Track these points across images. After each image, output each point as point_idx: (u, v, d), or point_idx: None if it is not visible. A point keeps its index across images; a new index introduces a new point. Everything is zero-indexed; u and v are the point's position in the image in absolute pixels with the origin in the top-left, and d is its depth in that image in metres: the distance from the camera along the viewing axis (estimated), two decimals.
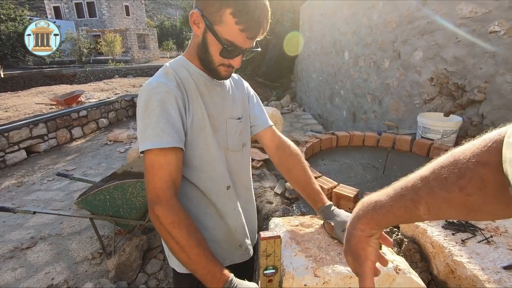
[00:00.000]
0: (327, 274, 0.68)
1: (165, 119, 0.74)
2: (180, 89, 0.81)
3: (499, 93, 2.00)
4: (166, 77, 0.81)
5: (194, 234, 0.71)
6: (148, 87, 0.78)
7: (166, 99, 0.76)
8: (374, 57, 3.76)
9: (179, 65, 0.87)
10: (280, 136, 1.05)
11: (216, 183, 0.89)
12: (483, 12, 2.09)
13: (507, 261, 0.74)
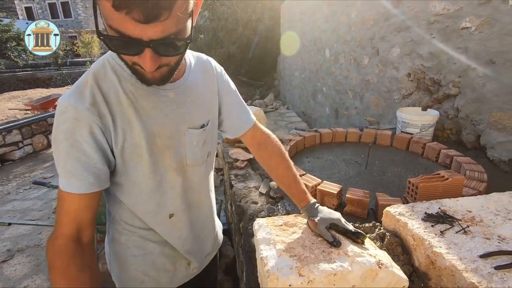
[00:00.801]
0: (311, 273, 0.68)
1: (73, 157, 0.61)
2: (99, 110, 0.62)
3: (472, 87, 2.08)
4: (78, 95, 0.62)
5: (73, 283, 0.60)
6: (57, 109, 0.62)
7: (75, 130, 0.60)
8: (354, 54, 3.83)
9: (106, 69, 0.66)
10: (263, 132, 0.98)
11: (157, 214, 0.79)
12: (455, 9, 2.17)
13: (483, 249, 0.76)
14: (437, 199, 1.05)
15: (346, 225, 0.83)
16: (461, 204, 0.99)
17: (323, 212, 0.84)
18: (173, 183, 0.78)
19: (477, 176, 1.50)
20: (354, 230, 0.81)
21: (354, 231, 0.81)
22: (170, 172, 0.77)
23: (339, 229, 0.82)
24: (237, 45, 9.22)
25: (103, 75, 0.65)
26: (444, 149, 1.87)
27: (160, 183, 0.76)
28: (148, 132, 0.69)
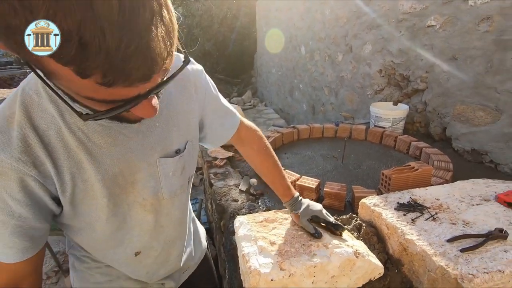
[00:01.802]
0: (292, 267, 0.70)
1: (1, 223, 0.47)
2: (33, 158, 0.47)
3: (438, 82, 2.20)
4: (1, 138, 0.45)
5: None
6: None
7: (1, 188, 0.46)
8: (328, 51, 3.92)
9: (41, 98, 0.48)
10: (247, 129, 0.90)
11: (119, 252, 0.67)
12: (421, 7, 2.28)
13: (450, 234, 0.82)
14: (409, 189, 1.11)
15: (327, 216, 0.86)
16: (430, 193, 1.05)
17: (305, 204, 0.87)
18: (140, 220, 0.65)
19: (444, 166, 1.60)
20: (334, 222, 0.84)
21: (334, 223, 0.84)
22: (135, 208, 0.63)
23: (320, 221, 0.85)
24: (213, 42, 9.12)
25: (37, 106, 0.47)
26: (414, 142, 1.97)
27: (124, 222, 0.63)
28: (106, 174, 0.55)
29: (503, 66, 1.72)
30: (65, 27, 0.29)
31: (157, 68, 0.36)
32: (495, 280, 0.68)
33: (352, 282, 0.76)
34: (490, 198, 1.00)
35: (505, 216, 0.89)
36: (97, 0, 0.29)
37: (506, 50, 1.70)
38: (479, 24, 1.83)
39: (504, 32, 1.69)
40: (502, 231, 0.79)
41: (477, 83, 1.90)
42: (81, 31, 0.29)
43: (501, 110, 1.77)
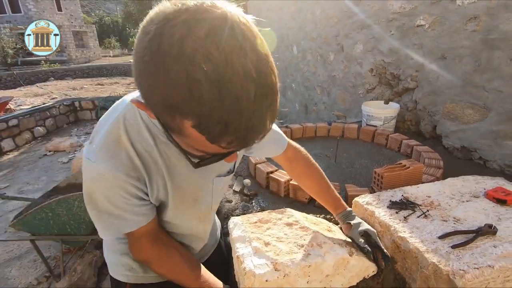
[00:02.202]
0: (287, 267, 0.70)
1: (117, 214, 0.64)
2: (137, 175, 0.62)
3: (428, 81, 2.23)
4: (114, 159, 0.59)
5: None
6: (90, 173, 0.60)
7: (116, 194, 0.61)
8: (320, 51, 3.94)
9: (140, 127, 0.61)
10: (293, 149, 0.96)
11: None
12: (410, 7, 2.31)
13: (441, 231, 0.83)
14: (401, 186, 1.12)
15: (379, 241, 0.83)
16: (421, 190, 1.07)
17: (358, 219, 0.89)
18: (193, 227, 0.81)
19: (435, 163, 1.62)
20: (385, 252, 0.81)
21: (385, 253, 0.81)
22: (192, 219, 0.79)
23: (371, 240, 0.82)
24: None
25: (138, 135, 0.61)
26: (405, 140, 2.00)
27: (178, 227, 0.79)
28: (177, 188, 0.69)
29: (490, 65, 1.76)
30: (219, 115, 0.39)
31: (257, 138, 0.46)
32: (485, 275, 0.69)
33: (346, 281, 0.77)
34: (480, 195, 1.02)
35: (494, 212, 0.91)
36: (243, 101, 0.39)
37: (493, 49, 1.73)
38: (467, 24, 1.87)
39: (491, 31, 1.73)
40: (492, 227, 0.81)
41: (465, 82, 1.93)
42: (228, 117, 0.39)
43: (489, 108, 1.81)
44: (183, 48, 0.37)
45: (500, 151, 1.77)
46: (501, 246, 0.76)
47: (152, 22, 0.40)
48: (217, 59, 0.37)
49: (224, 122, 0.39)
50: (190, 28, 0.38)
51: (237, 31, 0.39)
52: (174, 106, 0.40)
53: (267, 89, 0.41)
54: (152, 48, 0.39)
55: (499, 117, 1.75)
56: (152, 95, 0.42)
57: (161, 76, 0.39)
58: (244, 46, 0.39)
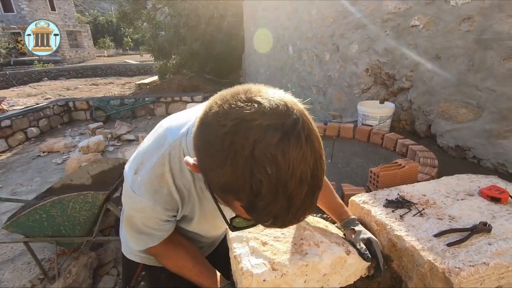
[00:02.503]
0: (284, 266, 0.70)
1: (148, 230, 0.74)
2: (173, 206, 0.71)
3: (422, 81, 2.25)
4: (155, 195, 0.66)
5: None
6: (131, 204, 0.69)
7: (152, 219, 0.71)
8: (316, 51, 3.95)
9: (183, 167, 0.67)
10: None
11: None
12: (405, 8, 2.33)
13: (437, 229, 0.84)
14: (396, 185, 1.13)
15: (379, 252, 0.82)
16: (417, 189, 1.08)
17: (362, 228, 0.89)
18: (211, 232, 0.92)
19: (430, 162, 1.64)
20: (381, 264, 0.80)
21: (381, 264, 0.80)
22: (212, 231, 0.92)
23: (371, 249, 0.81)
24: (200, 42, 9.02)
25: (180, 173, 0.67)
26: (401, 139, 2.01)
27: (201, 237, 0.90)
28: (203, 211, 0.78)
29: (484, 64, 1.78)
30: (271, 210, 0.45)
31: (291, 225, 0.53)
32: (481, 273, 0.70)
33: (344, 280, 0.77)
34: (474, 193, 1.03)
35: (488, 210, 0.92)
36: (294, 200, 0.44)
37: (486, 49, 1.75)
38: (461, 24, 1.89)
39: (484, 31, 1.75)
40: (486, 224, 0.82)
41: (459, 81, 1.95)
42: (278, 212, 0.45)
43: (482, 107, 1.83)
44: (254, 152, 0.41)
45: (493, 150, 1.79)
46: (496, 243, 0.77)
47: (228, 117, 0.44)
48: (281, 164, 0.41)
49: (273, 216, 0.46)
50: (265, 134, 0.42)
51: (302, 137, 0.43)
52: (232, 191, 0.46)
53: (316, 189, 0.47)
54: (224, 142, 0.43)
55: (492, 116, 1.78)
56: (212, 176, 0.47)
57: (227, 167, 0.43)
58: (306, 152, 0.43)
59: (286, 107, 0.44)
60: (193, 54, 9.37)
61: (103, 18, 34.73)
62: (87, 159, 3.76)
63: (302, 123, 0.44)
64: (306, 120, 0.46)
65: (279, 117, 0.43)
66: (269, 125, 0.42)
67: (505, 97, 1.70)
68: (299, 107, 0.47)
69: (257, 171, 0.41)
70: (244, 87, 0.50)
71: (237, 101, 0.45)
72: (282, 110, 0.44)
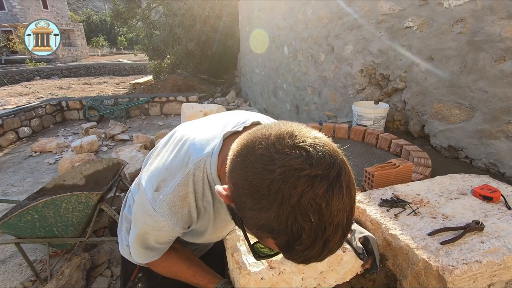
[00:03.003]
0: (282, 264, 0.70)
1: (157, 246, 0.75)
2: (190, 222, 0.71)
3: (416, 81, 2.28)
4: (176, 216, 0.66)
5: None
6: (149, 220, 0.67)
7: (164, 238, 0.73)
8: (311, 51, 3.97)
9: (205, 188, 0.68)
10: None
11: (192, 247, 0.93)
12: (399, 9, 2.35)
13: (431, 228, 0.85)
14: (391, 185, 1.14)
15: (376, 250, 0.83)
16: (411, 189, 1.09)
17: (358, 227, 0.90)
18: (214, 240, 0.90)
19: (423, 162, 1.66)
20: (378, 261, 0.81)
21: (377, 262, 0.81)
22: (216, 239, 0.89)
23: (368, 247, 0.82)
24: (196, 42, 8.98)
25: (202, 194, 0.68)
26: (395, 139, 2.03)
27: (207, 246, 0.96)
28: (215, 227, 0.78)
29: (476, 66, 1.81)
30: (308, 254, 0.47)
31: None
32: (474, 271, 0.71)
33: (340, 277, 0.78)
34: (467, 192, 1.04)
35: (481, 209, 0.93)
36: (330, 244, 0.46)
37: (479, 50, 1.78)
38: (454, 26, 1.91)
39: (476, 33, 1.78)
40: (479, 223, 0.83)
41: (452, 82, 1.98)
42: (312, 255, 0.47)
43: (474, 108, 1.86)
44: (301, 201, 0.43)
45: (485, 150, 1.82)
46: (488, 241, 0.78)
47: (277, 163, 0.45)
48: (324, 214, 0.43)
49: (307, 259, 0.48)
50: (313, 185, 0.43)
51: (344, 187, 0.45)
52: (270, 231, 0.46)
53: (347, 231, 0.48)
54: (272, 188, 0.44)
55: (484, 116, 1.81)
56: (251, 216, 0.48)
57: (271, 211, 0.44)
58: (346, 201, 0.45)
59: (331, 157, 0.46)
60: (188, 54, 9.33)
61: (96, 16, 34.37)
62: (80, 159, 3.71)
63: (344, 174, 0.46)
64: (347, 170, 0.48)
65: (326, 168, 0.44)
66: (316, 176, 0.43)
67: (496, 98, 1.73)
68: (341, 156, 0.49)
69: (301, 219, 0.43)
70: (287, 128, 0.50)
71: (284, 146, 0.46)
72: (328, 160, 0.45)
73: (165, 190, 0.64)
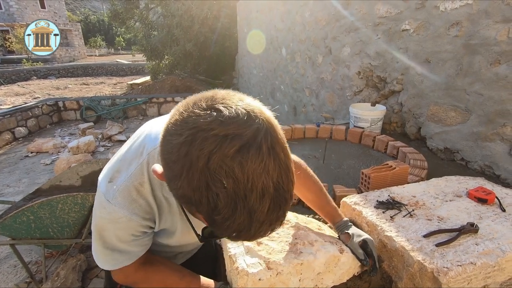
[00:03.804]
0: (279, 265, 0.70)
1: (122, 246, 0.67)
2: (151, 217, 0.66)
3: (413, 84, 2.29)
4: (132, 205, 0.61)
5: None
6: (104, 214, 0.62)
7: (127, 232, 0.64)
8: (309, 53, 3.98)
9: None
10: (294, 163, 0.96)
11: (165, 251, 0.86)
12: (396, 12, 2.37)
13: (426, 230, 0.85)
14: (387, 187, 1.15)
15: (375, 252, 0.82)
16: (407, 191, 1.10)
17: (354, 228, 0.87)
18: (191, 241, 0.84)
19: (419, 164, 1.67)
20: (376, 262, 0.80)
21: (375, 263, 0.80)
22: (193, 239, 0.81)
23: (367, 249, 0.80)
24: (194, 43, 8.98)
25: (160, 183, 0.63)
26: (391, 141, 2.05)
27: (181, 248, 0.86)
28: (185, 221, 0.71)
29: (472, 68, 1.83)
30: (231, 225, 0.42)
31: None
32: (468, 272, 0.72)
33: (337, 278, 0.78)
34: (462, 194, 1.05)
35: (475, 211, 0.94)
36: (256, 215, 0.41)
37: (474, 53, 1.80)
38: (450, 29, 1.93)
39: (472, 36, 1.80)
40: (473, 225, 0.84)
41: (448, 85, 2.00)
42: (239, 227, 0.42)
43: (470, 110, 1.88)
44: (209, 163, 0.39)
45: (480, 152, 1.84)
46: (483, 243, 0.79)
47: (186, 126, 0.42)
48: (239, 177, 0.39)
49: (234, 231, 0.43)
50: (221, 145, 0.39)
51: (264, 148, 0.40)
52: (189, 201, 0.43)
53: (282, 201, 0.43)
54: (180, 153, 0.41)
55: (480, 119, 1.82)
56: (172, 187, 0.45)
57: (184, 179, 0.41)
58: (268, 164, 0.40)
59: (248, 116, 0.41)
60: (186, 55, 9.33)
61: (94, 17, 34.28)
62: (77, 159, 3.70)
63: (265, 133, 0.41)
64: (271, 130, 0.43)
65: (239, 127, 0.40)
66: (226, 135, 0.39)
67: (492, 101, 1.74)
68: (265, 116, 0.44)
69: (212, 184, 0.39)
70: (210, 93, 0.46)
71: (197, 108, 0.42)
72: (242, 118, 0.41)
73: (119, 180, 0.61)
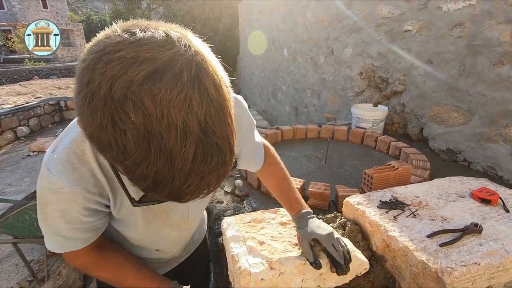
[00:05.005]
0: (282, 265, 0.70)
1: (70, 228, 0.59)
2: (99, 190, 0.57)
3: (415, 84, 2.29)
4: (75, 174, 0.54)
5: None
6: (47, 184, 0.54)
7: (72, 209, 0.56)
8: (310, 54, 3.98)
9: None
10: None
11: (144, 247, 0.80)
12: (398, 13, 2.37)
13: (429, 230, 0.85)
14: (390, 187, 1.14)
15: (333, 246, 0.70)
16: (410, 191, 1.09)
17: (310, 224, 0.74)
18: (166, 235, 0.78)
19: (422, 165, 1.67)
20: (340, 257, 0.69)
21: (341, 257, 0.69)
22: (164, 228, 0.76)
23: (322, 247, 0.71)
24: None
25: None
26: (394, 142, 2.04)
27: (153, 235, 0.76)
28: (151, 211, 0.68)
29: (474, 69, 1.82)
30: (145, 172, 0.34)
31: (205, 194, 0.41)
32: (472, 272, 0.72)
33: (340, 279, 0.78)
34: (465, 195, 1.05)
35: (479, 211, 0.94)
36: (177, 161, 0.33)
37: (477, 54, 1.80)
38: (452, 30, 1.93)
39: (475, 37, 1.79)
40: (477, 225, 0.84)
41: (451, 86, 1.99)
42: (157, 176, 0.34)
43: (473, 111, 1.88)
44: (113, 92, 0.32)
45: (483, 153, 1.83)
46: (486, 244, 0.79)
47: (93, 48, 0.35)
48: (150, 110, 0.31)
49: (151, 179, 0.35)
50: (126, 68, 0.32)
51: (185, 76, 0.33)
52: (102, 148, 0.35)
53: (213, 148, 0.35)
54: (83, 81, 0.34)
55: (482, 120, 1.82)
56: (83, 127, 0.37)
57: (88, 115, 0.34)
58: (190, 96, 0.32)
59: (168, 39, 0.34)
60: None
61: (96, 17, 34.37)
62: None
63: (188, 60, 0.33)
64: (198, 59, 0.35)
65: (152, 49, 0.33)
66: (135, 58, 0.32)
67: (494, 102, 1.74)
68: (192, 44, 0.36)
69: (118, 119, 0.32)
70: (135, 21, 0.38)
71: (111, 34, 0.35)
72: (159, 40, 0.34)
73: (60, 148, 0.55)
